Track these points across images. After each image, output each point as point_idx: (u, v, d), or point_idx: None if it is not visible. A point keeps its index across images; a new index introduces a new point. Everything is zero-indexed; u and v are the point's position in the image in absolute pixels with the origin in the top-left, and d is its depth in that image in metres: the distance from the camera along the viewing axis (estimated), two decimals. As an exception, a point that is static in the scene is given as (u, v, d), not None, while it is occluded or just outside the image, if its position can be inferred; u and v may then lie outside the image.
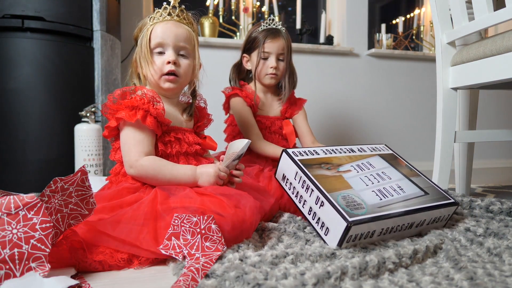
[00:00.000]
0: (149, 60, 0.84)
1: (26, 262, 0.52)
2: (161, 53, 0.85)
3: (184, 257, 0.61)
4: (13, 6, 1.34)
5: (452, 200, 0.80)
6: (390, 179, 0.81)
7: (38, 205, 0.53)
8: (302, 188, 0.76)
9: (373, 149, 0.91)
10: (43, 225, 0.53)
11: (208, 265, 0.57)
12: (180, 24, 0.87)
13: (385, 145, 0.96)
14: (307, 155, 0.80)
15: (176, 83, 0.87)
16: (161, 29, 0.84)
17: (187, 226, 0.63)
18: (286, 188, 0.82)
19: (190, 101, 0.96)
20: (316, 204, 0.72)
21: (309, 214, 0.75)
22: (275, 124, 1.30)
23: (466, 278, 0.53)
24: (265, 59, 1.26)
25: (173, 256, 0.62)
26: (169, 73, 0.85)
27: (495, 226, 0.81)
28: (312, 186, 0.73)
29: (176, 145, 0.86)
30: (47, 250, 0.53)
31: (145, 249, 0.63)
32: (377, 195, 0.74)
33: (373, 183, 0.78)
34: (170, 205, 0.69)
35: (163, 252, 0.62)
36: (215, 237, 0.63)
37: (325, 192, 0.70)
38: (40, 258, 0.53)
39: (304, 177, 0.75)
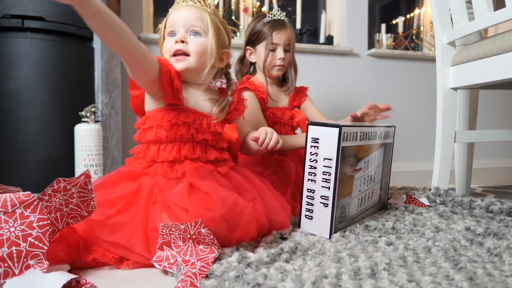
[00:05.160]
0: (161, 44, 0.85)
1: (25, 260, 0.52)
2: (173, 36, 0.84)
3: (179, 269, 0.60)
4: (13, 6, 1.34)
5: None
6: (373, 182, 0.94)
7: (35, 203, 0.53)
8: (324, 174, 0.79)
9: (385, 136, 0.98)
10: (40, 223, 0.53)
11: (205, 269, 0.57)
12: (191, 7, 0.84)
13: (394, 127, 1.04)
14: (348, 140, 0.80)
15: (185, 61, 0.81)
16: (174, 14, 0.84)
17: (176, 233, 0.62)
18: (308, 148, 0.81)
19: (224, 85, 0.92)
20: (322, 198, 0.79)
21: (308, 191, 0.81)
22: (286, 115, 1.30)
23: (466, 278, 0.53)
24: (273, 50, 1.25)
25: (167, 269, 0.61)
26: (178, 53, 0.80)
27: (495, 226, 0.80)
28: (332, 184, 0.78)
29: (183, 129, 0.80)
30: (45, 247, 0.53)
31: (137, 252, 0.64)
32: (357, 204, 0.87)
33: (364, 188, 0.89)
34: (161, 203, 0.69)
35: (156, 265, 0.61)
36: (207, 239, 0.62)
37: (335, 198, 0.78)
38: (38, 255, 0.53)
39: (333, 169, 0.77)
